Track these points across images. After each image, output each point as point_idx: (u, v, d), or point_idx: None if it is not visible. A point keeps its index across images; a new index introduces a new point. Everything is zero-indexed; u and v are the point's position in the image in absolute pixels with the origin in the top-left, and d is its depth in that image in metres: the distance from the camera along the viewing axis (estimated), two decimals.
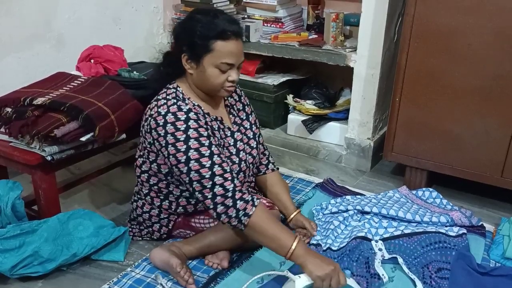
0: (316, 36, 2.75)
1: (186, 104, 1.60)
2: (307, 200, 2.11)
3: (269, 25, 2.85)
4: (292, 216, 1.86)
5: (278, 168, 1.99)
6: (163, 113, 1.56)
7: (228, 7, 2.92)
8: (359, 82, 2.44)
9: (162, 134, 1.55)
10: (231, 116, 1.80)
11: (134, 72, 2.15)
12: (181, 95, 1.64)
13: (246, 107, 1.87)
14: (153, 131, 1.58)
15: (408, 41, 2.05)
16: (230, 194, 1.49)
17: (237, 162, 1.70)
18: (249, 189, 1.85)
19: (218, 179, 1.50)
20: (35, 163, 1.70)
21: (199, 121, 1.57)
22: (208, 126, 1.63)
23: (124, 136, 1.92)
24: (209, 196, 1.51)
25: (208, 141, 1.55)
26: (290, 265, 1.67)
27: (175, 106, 1.57)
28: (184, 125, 1.54)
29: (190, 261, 1.69)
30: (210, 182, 1.50)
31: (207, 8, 1.65)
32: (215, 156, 1.53)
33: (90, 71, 2.10)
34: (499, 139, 1.98)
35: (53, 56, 2.46)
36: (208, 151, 1.53)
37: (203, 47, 1.55)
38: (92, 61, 2.17)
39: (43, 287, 1.63)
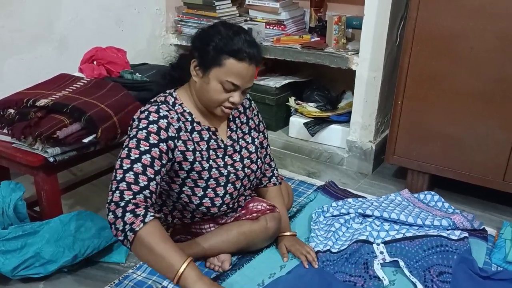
0: (318, 38, 2.76)
1: (170, 110, 1.54)
2: (308, 202, 2.11)
3: (271, 27, 2.86)
4: (282, 234, 1.77)
5: (280, 183, 1.91)
6: (142, 109, 1.53)
7: (231, 9, 2.92)
8: (361, 85, 2.44)
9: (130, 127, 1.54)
10: (229, 130, 1.72)
11: (137, 74, 2.16)
12: (172, 100, 1.59)
13: (250, 120, 1.78)
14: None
15: (411, 44, 2.05)
16: (123, 204, 1.35)
17: (225, 174, 1.63)
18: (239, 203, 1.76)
19: (122, 185, 1.38)
20: (37, 165, 1.71)
21: (162, 130, 1.48)
22: (174, 142, 1.51)
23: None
24: (108, 200, 1.38)
25: (146, 148, 1.44)
26: (291, 267, 1.67)
27: (155, 107, 1.53)
28: (145, 125, 1.48)
29: None
30: (116, 185, 1.39)
31: (233, 24, 1.61)
32: (138, 163, 1.42)
33: (93, 72, 2.11)
34: (501, 143, 1.98)
35: (56, 57, 2.46)
36: (136, 156, 1.42)
37: (214, 59, 1.50)
38: (94, 62, 2.18)
39: None
